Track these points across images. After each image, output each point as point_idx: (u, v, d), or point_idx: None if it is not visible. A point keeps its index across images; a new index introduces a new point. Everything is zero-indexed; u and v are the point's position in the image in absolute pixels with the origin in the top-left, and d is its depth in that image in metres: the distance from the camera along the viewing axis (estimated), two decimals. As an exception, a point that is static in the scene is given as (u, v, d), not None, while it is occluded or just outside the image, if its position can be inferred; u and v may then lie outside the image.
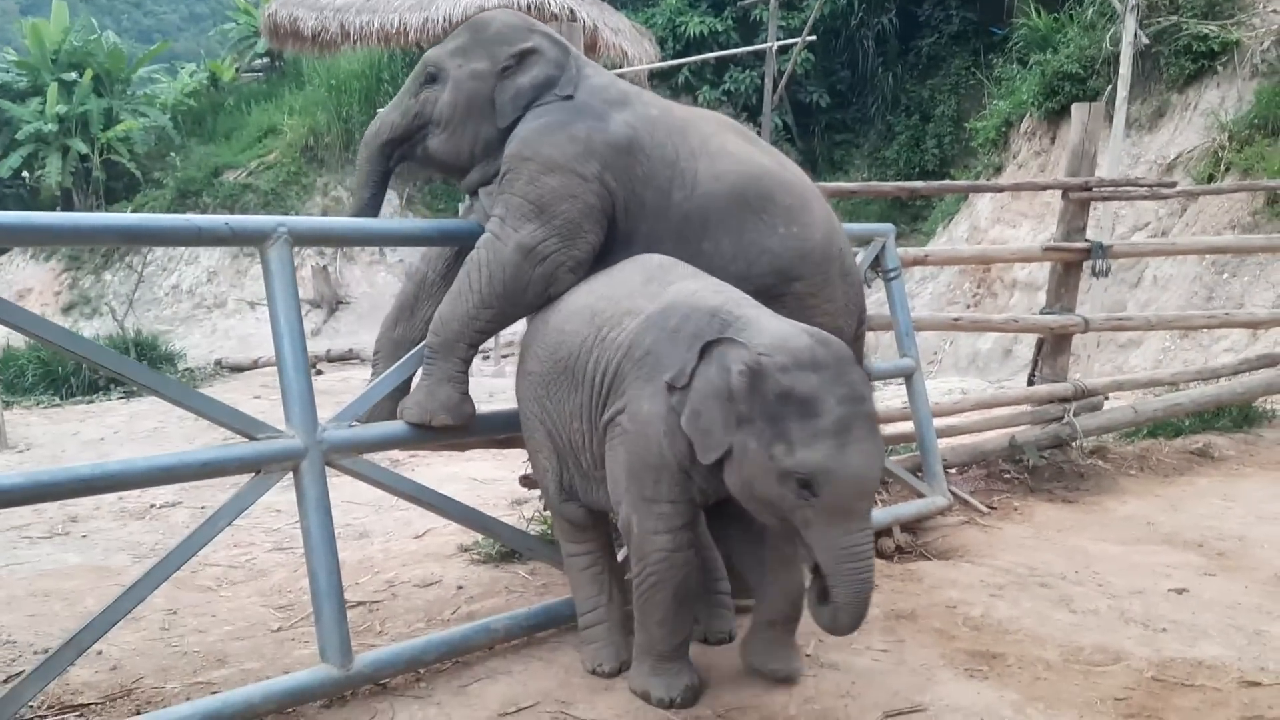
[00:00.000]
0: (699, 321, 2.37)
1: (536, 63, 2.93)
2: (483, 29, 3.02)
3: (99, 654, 2.86)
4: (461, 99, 2.96)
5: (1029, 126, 12.07)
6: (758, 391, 2.21)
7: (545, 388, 2.68)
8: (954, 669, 2.82)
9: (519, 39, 2.97)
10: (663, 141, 2.87)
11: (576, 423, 2.60)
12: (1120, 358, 9.30)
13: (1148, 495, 4.56)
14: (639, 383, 2.40)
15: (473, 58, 2.97)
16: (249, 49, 19.84)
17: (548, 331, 2.71)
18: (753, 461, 2.24)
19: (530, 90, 2.91)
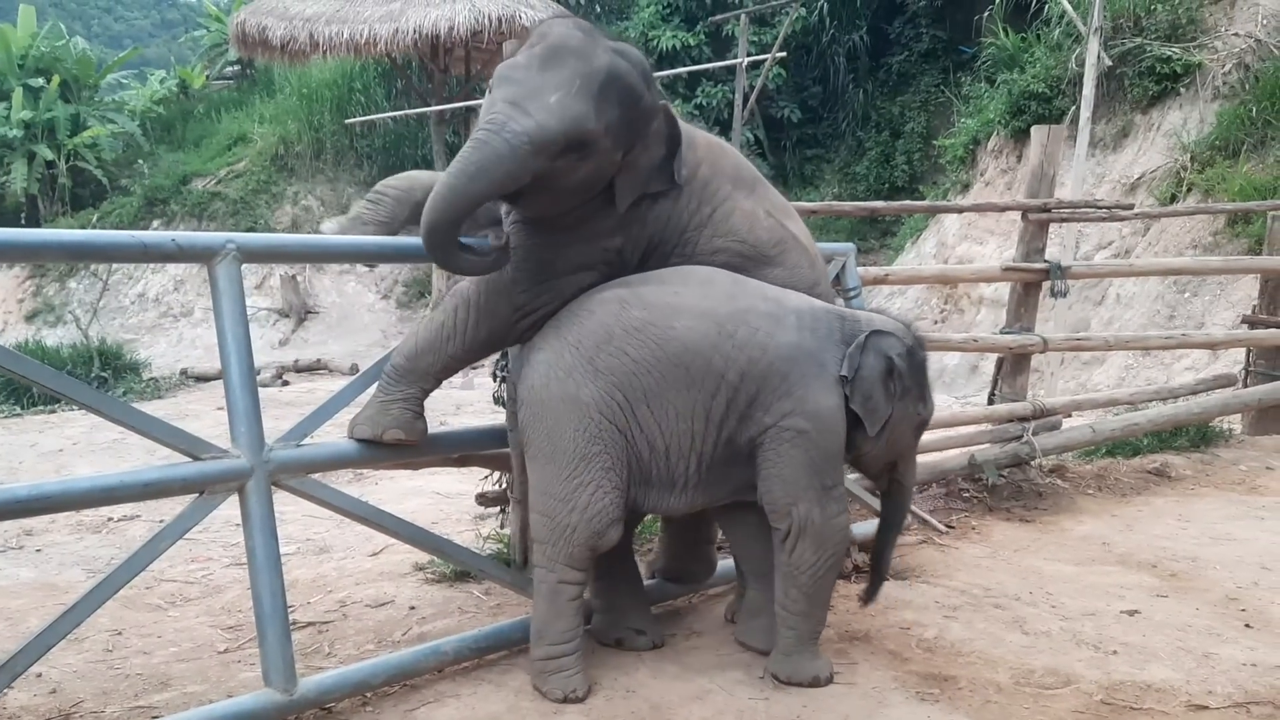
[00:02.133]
0: (833, 323, 2.74)
1: (656, 143, 2.71)
2: (634, 103, 2.61)
3: (38, 676, 2.81)
4: (596, 182, 2.64)
5: (996, 144, 12.17)
6: (911, 366, 2.76)
7: (640, 389, 2.58)
8: (906, 692, 2.81)
9: (650, 119, 2.68)
10: (680, 211, 2.81)
11: (686, 424, 2.62)
12: (1084, 374, 9.38)
13: (1104, 515, 4.59)
14: (808, 381, 2.64)
15: (621, 141, 2.59)
16: (220, 56, 19.75)
17: (637, 329, 2.59)
18: (905, 421, 2.81)
19: (647, 175, 2.72)
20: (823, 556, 2.73)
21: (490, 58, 14.08)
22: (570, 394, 2.58)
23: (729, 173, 2.92)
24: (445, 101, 13.85)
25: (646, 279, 2.72)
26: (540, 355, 2.65)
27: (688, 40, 15.59)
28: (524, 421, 2.69)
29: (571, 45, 2.54)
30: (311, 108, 16.81)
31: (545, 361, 2.62)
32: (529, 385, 2.65)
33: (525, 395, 2.66)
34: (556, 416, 2.60)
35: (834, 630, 3.21)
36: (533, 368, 2.65)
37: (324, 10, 12.55)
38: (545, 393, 2.61)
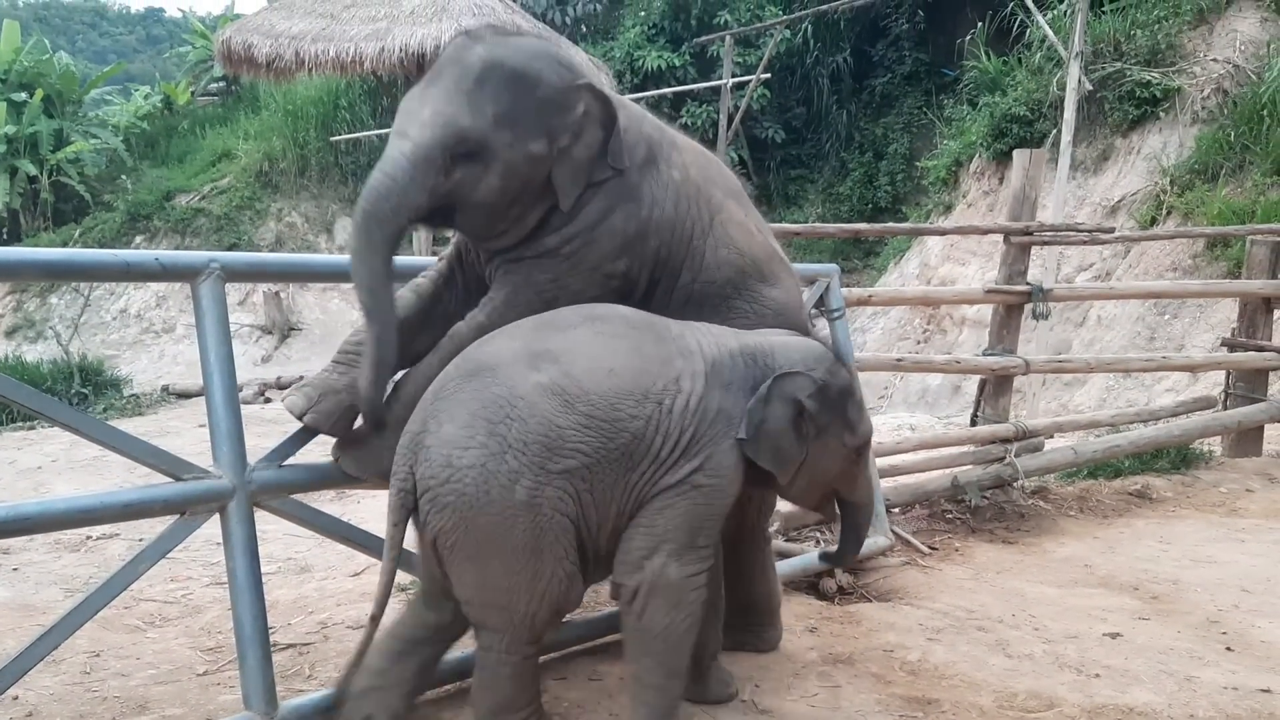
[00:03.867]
0: (741, 370, 2.53)
1: (588, 128, 2.51)
2: (528, 88, 2.44)
3: (15, 699, 2.78)
4: (514, 185, 2.46)
5: (978, 166, 12.28)
6: (825, 403, 2.57)
7: (588, 480, 2.32)
8: (889, 715, 2.81)
9: (571, 103, 2.49)
10: (683, 217, 2.67)
11: (616, 505, 2.39)
12: (1065, 395, 9.44)
13: (1086, 537, 4.61)
14: (717, 441, 2.45)
15: (525, 133, 2.43)
16: (205, 73, 19.75)
17: (585, 425, 2.30)
18: (830, 455, 2.64)
19: (587, 164, 2.52)
20: (677, 619, 2.46)
21: (476, 76, 14.10)
22: (521, 500, 2.25)
23: (719, 180, 2.84)
24: (431, 119, 13.85)
25: (554, 326, 2.42)
26: (467, 456, 2.24)
27: (673, 61, 15.69)
28: (445, 526, 2.28)
29: (449, 54, 2.47)
30: (296, 125, 16.80)
31: (479, 466, 2.23)
32: (456, 491, 2.24)
33: (451, 501, 2.25)
34: (503, 523, 2.26)
35: (817, 653, 3.20)
36: (460, 472, 2.23)
37: (310, 28, 12.54)
38: (484, 500, 2.23)
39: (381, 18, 12.49)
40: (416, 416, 2.35)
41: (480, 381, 2.30)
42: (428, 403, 2.35)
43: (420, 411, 2.35)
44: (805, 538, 4.36)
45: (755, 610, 3.17)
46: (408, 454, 2.32)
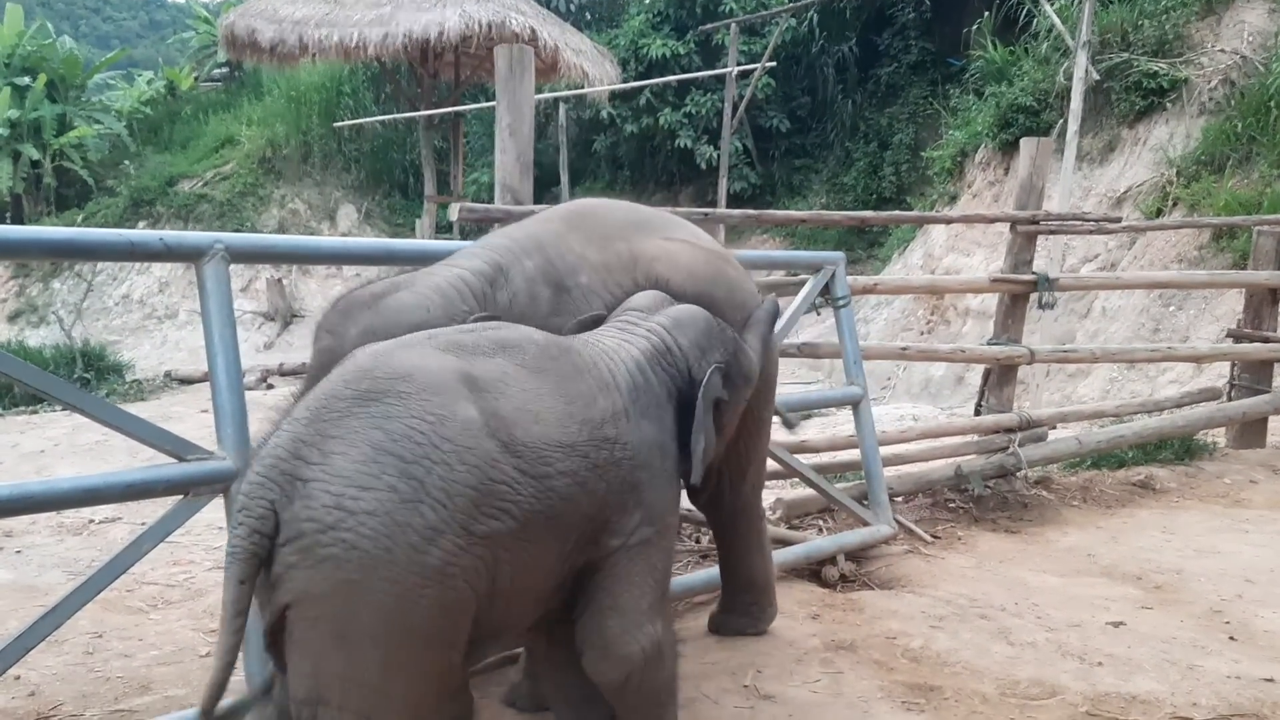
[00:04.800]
0: (654, 384, 2.24)
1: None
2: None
3: (17, 679, 2.78)
4: None
5: (984, 156, 12.23)
6: (732, 381, 2.42)
7: (511, 549, 1.89)
8: (891, 702, 2.81)
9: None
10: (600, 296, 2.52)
11: (538, 578, 2.01)
12: (1069, 387, 9.41)
13: (1089, 527, 4.60)
14: (655, 479, 2.18)
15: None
16: (208, 58, 19.71)
17: (517, 481, 1.90)
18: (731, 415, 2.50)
19: None
20: (671, 670, 2.32)
21: (479, 63, 14.08)
22: (433, 566, 1.76)
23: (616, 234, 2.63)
24: (434, 106, 13.83)
25: (468, 350, 2.01)
26: (367, 499, 1.73)
27: (677, 49, 15.63)
28: (313, 589, 1.73)
29: (320, 361, 2.26)
30: (300, 111, 16.77)
31: (384, 514, 1.72)
32: (345, 542, 1.71)
33: (334, 554, 1.71)
34: (402, 594, 1.74)
35: (819, 640, 3.20)
36: (355, 518, 1.72)
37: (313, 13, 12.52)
38: (383, 560, 1.72)
39: (385, 3, 12.49)
40: (282, 438, 1.80)
41: (388, 405, 1.81)
42: (301, 422, 1.81)
43: (288, 432, 1.81)
44: (807, 525, 4.35)
45: (754, 589, 3.17)
46: (268, 485, 1.74)
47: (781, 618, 3.37)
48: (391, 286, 2.37)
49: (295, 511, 1.72)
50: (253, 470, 1.79)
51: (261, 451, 1.82)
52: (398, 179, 17.45)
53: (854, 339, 4.19)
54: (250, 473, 1.79)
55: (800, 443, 4.46)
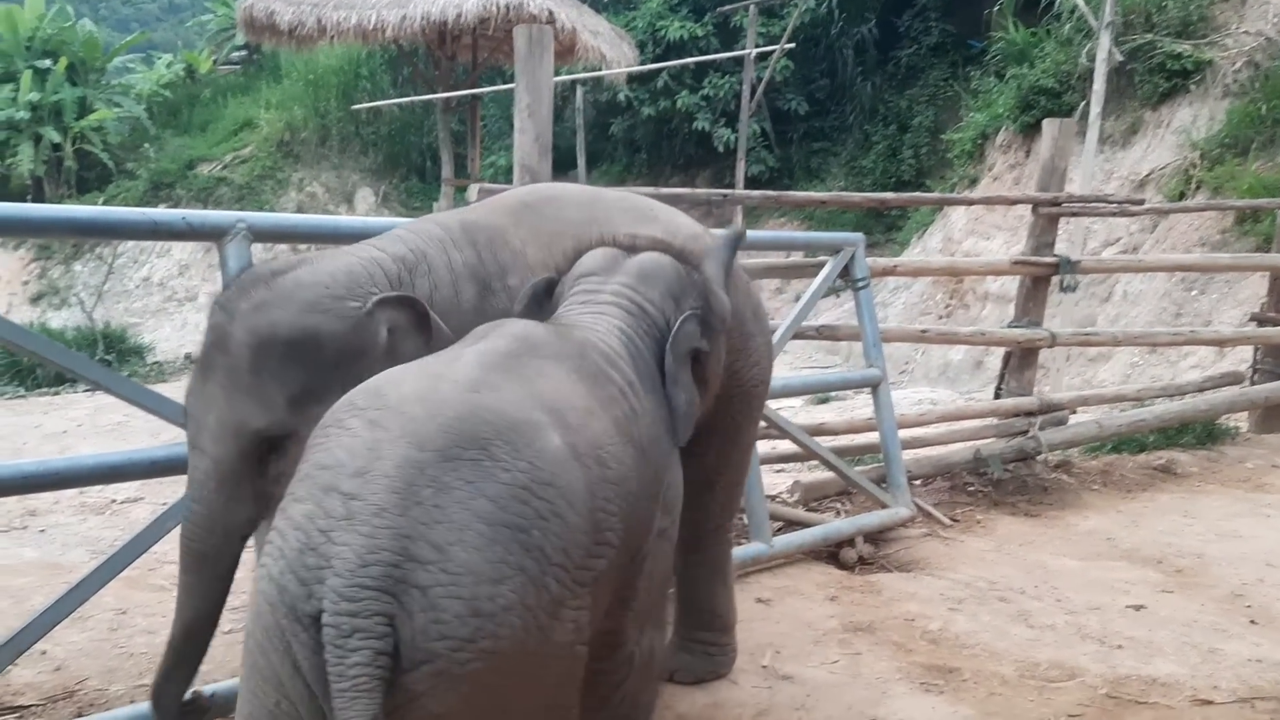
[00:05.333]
0: (644, 351, 1.99)
1: (402, 343, 2.02)
2: (313, 352, 2.00)
3: (43, 654, 2.81)
4: None
5: (1004, 139, 12.14)
6: (709, 327, 2.11)
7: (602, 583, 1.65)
8: (910, 683, 2.81)
9: (371, 336, 2.02)
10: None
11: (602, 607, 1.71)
12: (1089, 371, 9.36)
13: (1110, 510, 4.58)
14: (669, 464, 1.94)
15: (328, 400, 1.76)
16: (227, 41, 19.72)
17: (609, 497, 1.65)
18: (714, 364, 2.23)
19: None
20: (652, 689, 2.12)
21: (497, 45, 14.04)
22: (560, 641, 1.51)
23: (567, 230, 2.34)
24: (451, 89, 13.81)
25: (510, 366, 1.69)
26: (502, 594, 1.41)
27: (695, 31, 15.54)
28: (461, 711, 1.41)
29: (210, 336, 2.05)
30: (318, 94, 16.78)
31: (519, 607, 1.42)
32: (487, 653, 1.39)
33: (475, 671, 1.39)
34: (538, 678, 1.51)
35: (837, 621, 3.21)
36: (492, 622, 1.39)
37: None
38: (519, 658, 1.44)
39: (403, -15, 12.45)
40: (372, 530, 1.39)
41: (477, 463, 1.47)
42: (389, 509, 1.40)
43: (376, 524, 1.39)
44: (825, 508, 4.35)
45: (715, 626, 2.80)
46: (381, 597, 1.35)
47: (799, 599, 3.38)
48: (298, 263, 2.14)
49: (422, 629, 1.35)
50: (346, 577, 1.35)
51: (338, 551, 1.37)
52: (415, 162, 17.45)
53: (873, 321, 4.17)
54: (340, 579, 1.35)
55: (818, 425, 4.46)
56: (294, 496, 1.48)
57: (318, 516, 1.41)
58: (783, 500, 4.28)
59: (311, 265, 2.11)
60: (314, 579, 1.37)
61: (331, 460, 1.48)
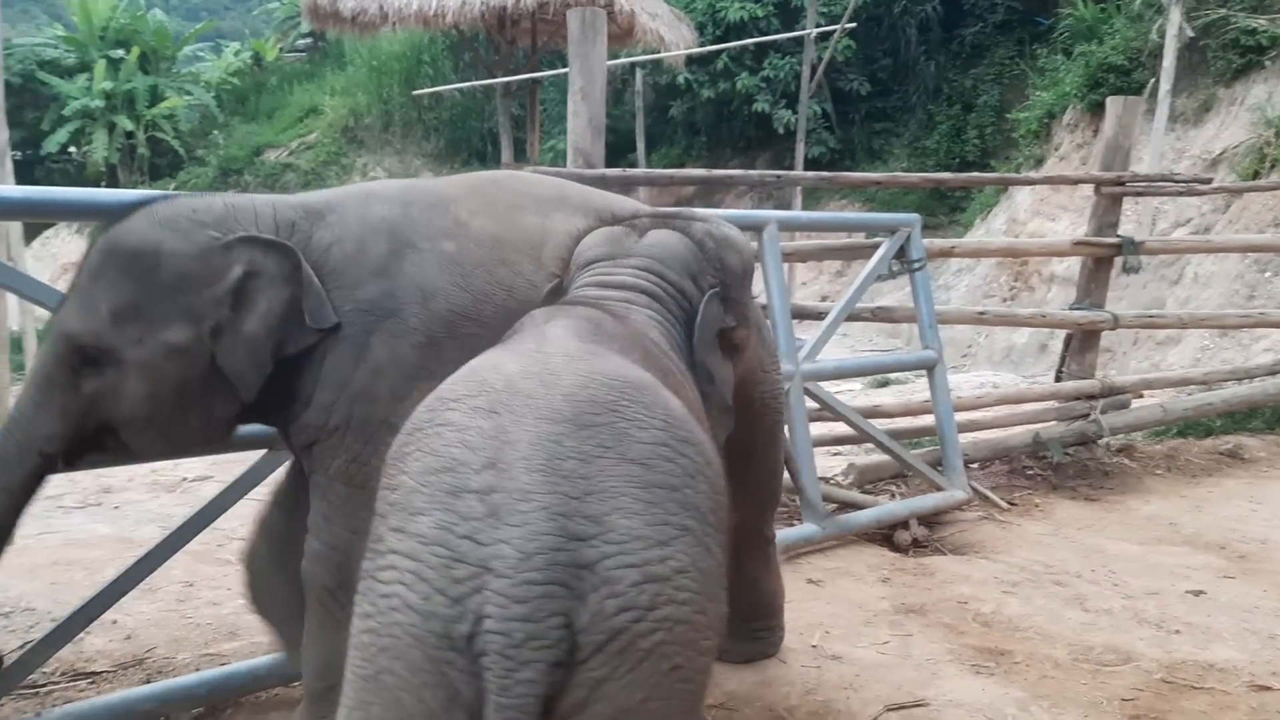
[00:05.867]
0: (675, 332, 1.90)
1: (261, 291, 1.99)
2: (146, 270, 1.93)
3: (114, 623, 2.92)
4: (166, 389, 1.96)
5: (1072, 118, 11.88)
6: (731, 301, 2.01)
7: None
8: (960, 664, 2.80)
9: (216, 270, 1.96)
10: (485, 290, 2.10)
11: None
12: (1158, 355, 9.16)
13: (1173, 495, 4.50)
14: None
15: (156, 323, 1.92)
16: (293, 29, 20.06)
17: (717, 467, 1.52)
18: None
19: (269, 334, 2.00)
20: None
21: (556, 29, 14.05)
22: (722, 613, 1.43)
23: (528, 206, 2.26)
24: (511, 73, 13.89)
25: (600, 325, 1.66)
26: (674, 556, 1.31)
27: (755, 11, 15.42)
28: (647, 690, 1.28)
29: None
30: (381, 80, 17.01)
31: (693, 570, 1.33)
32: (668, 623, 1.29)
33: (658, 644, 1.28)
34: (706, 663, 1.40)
35: (889, 603, 3.20)
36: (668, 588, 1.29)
37: (393, -18, 12.64)
38: (701, 624, 1.35)
39: (464, -29, 12.52)
40: (526, 517, 1.27)
41: (614, 426, 1.37)
42: (536, 489, 1.29)
43: (530, 507, 1.27)
44: (880, 490, 4.33)
45: (766, 613, 2.78)
46: (553, 591, 1.23)
47: (850, 580, 3.38)
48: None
49: (598, 609, 1.24)
50: (511, 576, 1.23)
51: (493, 551, 1.24)
52: (476, 147, 17.60)
53: (929, 302, 4.14)
54: (504, 580, 1.23)
55: (874, 407, 4.44)
56: (407, 511, 1.32)
57: (453, 524, 1.27)
58: (837, 483, 4.27)
59: (191, 199, 2.07)
60: (469, 591, 1.23)
61: (444, 462, 1.34)
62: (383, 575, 1.30)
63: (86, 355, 1.93)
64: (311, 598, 2.13)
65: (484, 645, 1.21)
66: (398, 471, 1.40)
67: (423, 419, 1.44)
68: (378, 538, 1.36)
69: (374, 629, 1.30)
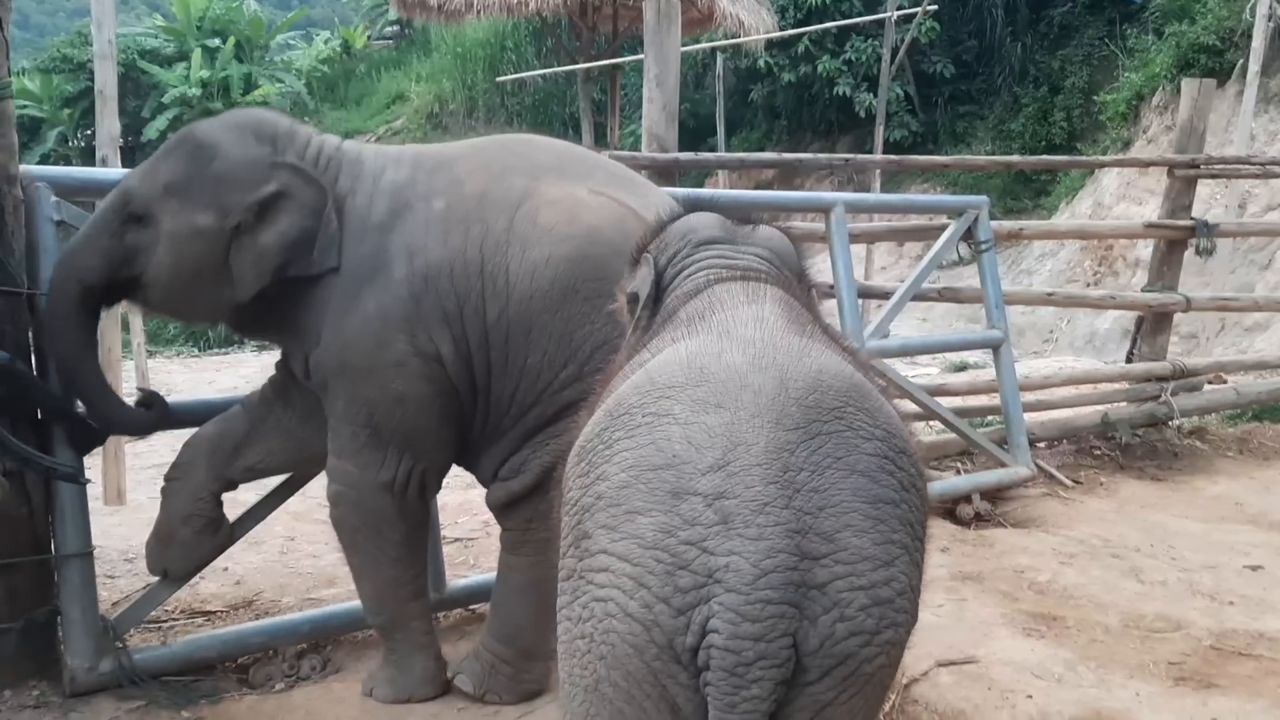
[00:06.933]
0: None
1: (284, 211, 2.25)
2: (204, 160, 2.26)
3: (225, 570, 3.20)
4: (185, 264, 2.26)
5: (1161, 100, 11.66)
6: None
7: None
8: (1012, 627, 2.92)
9: (255, 182, 2.25)
10: (459, 245, 2.25)
11: None
12: (1245, 341, 9.01)
13: (1242, 477, 4.52)
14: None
15: (193, 204, 2.24)
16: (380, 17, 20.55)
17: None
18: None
19: (280, 252, 2.25)
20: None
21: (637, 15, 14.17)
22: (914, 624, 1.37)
23: (521, 165, 2.36)
24: (592, 59, 14.07)
25: (792, 311, 1.56)
26: (895, 577, 1.24)
27: (837, -6, 15.36)
28: (863, 711, 1.30)
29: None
30: (465, 67, 17.37)
31: (908, 591, 1.28)
32: (888, 646, 1.25)
33: (880, 667, 1.26)
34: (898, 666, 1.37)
35: (946, 571, 3.33)
36: (889, 611, 1.24)
37: (479, -29, 12.91)
38: (901, 647, 1.31)
39: (546, -43, 12.74)
40: (762, 530, 1.19)
41: (839, 435, 1.28)
42: (771, 502, 1.21)
43: (766, 520, 1.20)
44: (945, 468, 4.43)
45: None
46: (783, 611, 1.18)
47: (911, 548, 3.50)
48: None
49: (828, 632, 1.20)
50: (745, 593, 1.17)
51: (726, 563, 1.18)
52: (558, 132, 17.80)
53: (996, 283, 4.22)
54: (736, 595, 1.17)
55: (939, 385, 4.54)
56: (622, 508, 1.25)
57: (677, 527, 1.21)
58: (902, 458, 4.37)
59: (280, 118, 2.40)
60: (695, 601, 1.18)
61: (665, 457, 1.25)
62: (596, 578, 1.26)
63: (135, 212, 2.26)
64: (345, 540, 2.43)
65: (709, 660, 1.17)
66: (603, 459, 1.32)
67: (632, 403, 1.34)
68: (584, 532, 1.30)
69: (589, 634, 1.26)
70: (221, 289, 2.28)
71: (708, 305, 1.57)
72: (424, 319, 2.23)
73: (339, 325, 2.26)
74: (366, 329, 2.23)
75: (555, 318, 2.21)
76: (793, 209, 4.01)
